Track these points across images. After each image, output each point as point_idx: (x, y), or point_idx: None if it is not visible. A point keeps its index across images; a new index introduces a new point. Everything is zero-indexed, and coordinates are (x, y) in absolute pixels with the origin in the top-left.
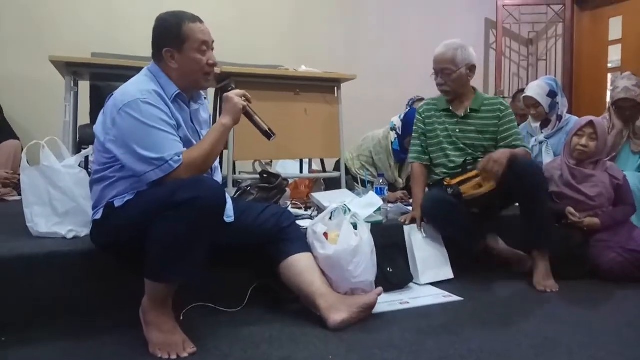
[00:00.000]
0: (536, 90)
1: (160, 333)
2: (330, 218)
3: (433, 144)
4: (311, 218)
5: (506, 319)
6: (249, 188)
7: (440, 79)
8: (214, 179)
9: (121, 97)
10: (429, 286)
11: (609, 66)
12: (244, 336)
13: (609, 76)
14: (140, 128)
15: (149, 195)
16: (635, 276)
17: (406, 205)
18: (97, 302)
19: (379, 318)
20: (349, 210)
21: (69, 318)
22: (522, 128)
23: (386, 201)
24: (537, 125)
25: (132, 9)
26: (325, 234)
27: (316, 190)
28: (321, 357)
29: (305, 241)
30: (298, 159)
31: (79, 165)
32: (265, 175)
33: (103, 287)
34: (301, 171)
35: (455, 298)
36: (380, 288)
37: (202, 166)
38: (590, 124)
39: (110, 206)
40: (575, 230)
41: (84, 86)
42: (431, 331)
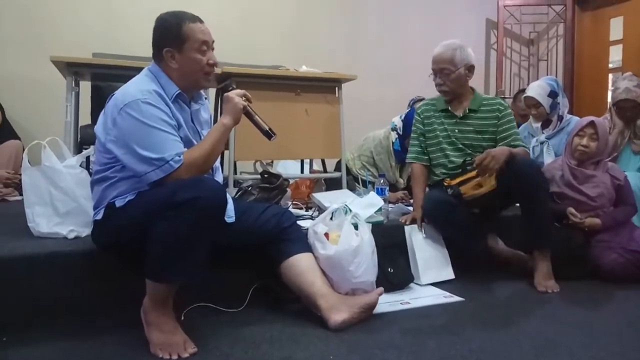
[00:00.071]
0: (537, 90)
1: (161, 333)
2: (331, 218)
3: (432, 144)
4: (312, 218)
5: (507, 320)
6: (250, 188)
7: (439, 79)
8: (215, 179)
9: (122, 97)
10: (430, 286)
11: (610, 66)
12: (245, 336)
13: (610, 76)
14: (140, 128)
15: (150, 195)
16: (636, 277)
17: (407, 205)
18: (98, 302)
19: (380, 318)
20: (350, 210)
21: (70, 318)
22: (523, 128)
23: (387, 201)
24: (538, 125)
25: (132, 9)
26: (326, 234)
27: (317, 190)
28: (322, 358)
29: (306, 241)
30: (299, 159)
31: (80, 165)
32: (266, 175)
33: (104, 287)
34: (302, 171)
35: (456, 298)
36: (381, 288)
37: (203, 166)
38: (591, 124)
39: (111, 206)
40: (576, 230)
41: (85, 86)
42: (432, 331)
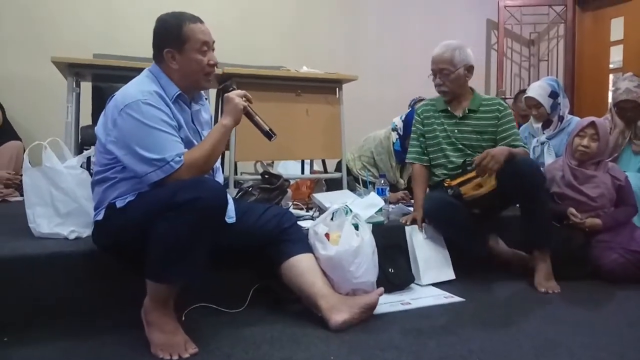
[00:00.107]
0: (538, 90)
1: (162, 334)
2: (331, 219)
3: (432, 145)
4: (312, 219)
5: (507, 320)
6: (251, 189)
7: (438, 80)
8: (215, 180)
9: (122, 98)
10: (431, 287)
11: (611, 67)
12: (246, 337)
13: (611, 77)
14: (141, 129)
15: (150, 196)
16: (636, 277)
17: (407, 206)
18: (99, 303)
19: (381, 319)
20: (351, 210)
21: (70, 318)
22: (524, 129)
23: (387, 202)
24: (539, 126)
25: (132, 9)
26: (326, 235)
27: (317, 191)
28: (322, 358)
29: (306, 242)
30: (299, 160)
31: (81, 166)
32: (266, 176)
33: (104, 288)
34: (302, 172)
35: (456, 299)
36: (381, 288)
37: (204, 167)
38: (592, 125)
39: (111, 207)
40: (576, 231)
41: (86, 87)
42: (432, 332)
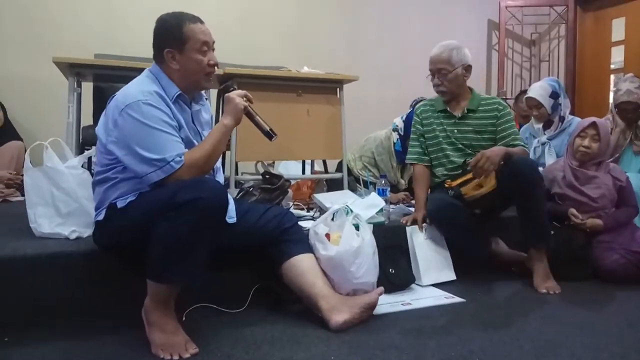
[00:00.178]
0: (538, 91)
1: (162, 334)
2: (332, 219)
3: (432, 145)
4: (313, 219)
5: (508, 321)
6: (251, 189)
7: (436, 80)
8: (216, 180)
9: (122, 99)
10: (431, 287)
11: (612, 67)
12: (246, 337)
13: (612, 77)
14: (141, 129)
15: (151, 196)
16: (637, 277)
17: (408, 206)
18: (99, 303)
19: (381, 319)
20: (351, 211)
21: (71, 318)
22: (525, 129)
23: (388, 202)
24: (540, 126)
25: (132, 9)
26: (327, 235)
27: (318, 191)
28: (323, 358)
29: (307, 242)
30: (300, 160)
31: (82, 166)
32: (267, 176)
33: (105, 288)
34: (303, 172)
35: (457, 299)
36: (381, 288)
37: (204, 167)
38: (592, 125)
39: (112, 207)
40: (577, 231)
41: (87, 87)
42: (433, 332)
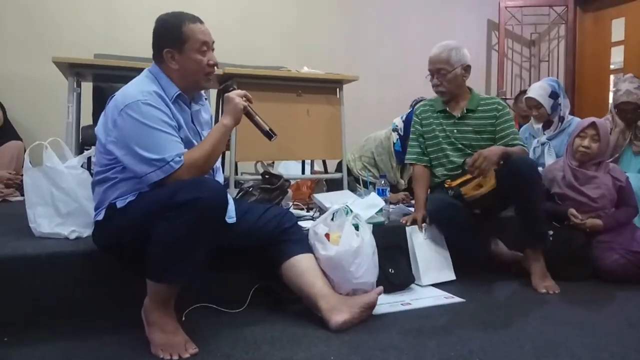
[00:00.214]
0: (538, 91)
1: (162, 334)
2: (332, 219)
3: (432, 145)
4: (313, 219)
5: (508, 321)
6: (251, 189)
7: (435, 80)
8: (216, 180)
9: (122, 99)
10: (431, 287)
11: (612, 67)
12: (246, 337)
13: (612, 77)
14: (141, 129)
15: (151, 196)
16: (637, 277)
17: (408, 206)
18: (99, 303)
19: (381, 319)
20: (351, 211)
21: (70, 318)
22: (524, 129)
23: (388, 202)
24: (540, 126)
25: (132, 9)
26: (326, 235)
27: (318, 191)
28: (323, 358)
29: (307, 242)
30: (300, 160)
31: (82, 166)
32: (267, 176)
33: (105, 288)
34: (303, 172)
35: (456, 299)
36: (380, 287)
37: (203, 167)
38: (592, 125)
39: (112, 207)
40: (577, 231)
41: (87, 87)
42: (433, 332)
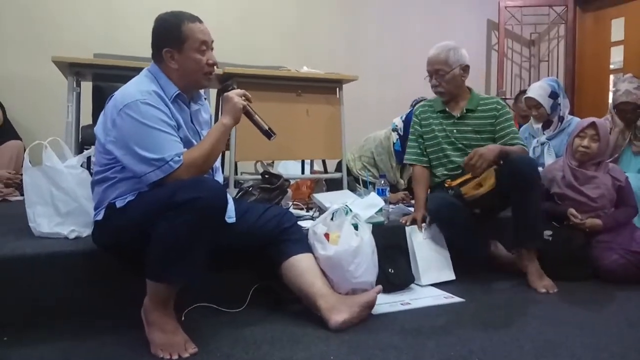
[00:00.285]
0: (538, 91)
1: (162, 333)
2: (331, 219)
3: (432, 145)
4: (313, 219)
5: (507, 320)
6: (251, 189)
7: (434, 81)
8: (215, 180)
9: (121, 98)
10: (431, 287)
11: (611, 67)
12: (246, 337)
13: (611, 77)
14: (140, 129)
15: (150, 196)
16: (637, 277)
17: (408, 206)
18: (99, 303)
19: (380, 319)
20: (351, 211)
21: (70, 318)
22: (524, 129)
23: (388, 202)
24: (539, 126)
25: (132, 9)
26: (326, 235)
27: (317, 191)
28: (322, 358)
29: (306, 242)
30: (300, 160)
31: (82, 165)
32: (266, 175)
33: (104, 288)
34: (303, 172)
35: (456, 299)
36: (379, 286)
37: (203, 166)
38: (592, 125)
39: (111, 207)
40: (577, 231)
41: (86, 86)
42: (432, 332)
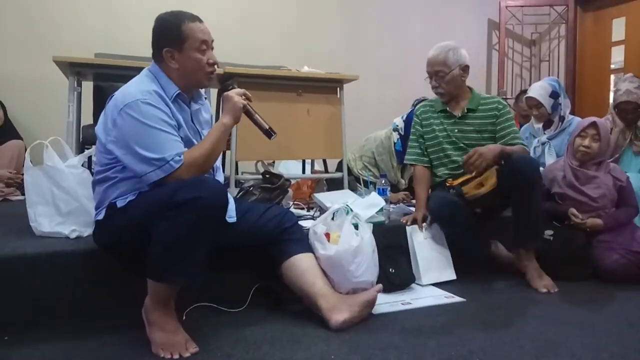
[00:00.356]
0: (538, 91)
1: (163, 333)
2: (332, 218)
3: (432, 145)
4: (313, 218)
5: (508, 320)
6: (252, 188)
7: (434, 82)
8: (216, 179)
9: (121, 98)
10: (431, 287)
11: (612, 67)
12: (246, 336)
13: (612, 77)
14: (140, 129)
15: (151, 195)
16: (637, 277)
17: (408, 205)
18: (99, 303)
19: (381, 318)
20: (351, 210)
21: (71, 318)
22: (525, 129)
23: (388, 202)
24: (540, 126)
25: (132, 9)
26: (326, 235)
27: (318, 190)
28: (323, 358)
29: (307, 242)
30: (300, 160)
31: (82, 165)
32: (267, 175)
33: (105, 288)
34: (303, 172)
35: (457, 299)
36: (379, 285)
37: (203, 166)
38: (593, 125)
39: (112, 207)
40: (577, 231)
41: (87, 86)
42: (433, 332)
